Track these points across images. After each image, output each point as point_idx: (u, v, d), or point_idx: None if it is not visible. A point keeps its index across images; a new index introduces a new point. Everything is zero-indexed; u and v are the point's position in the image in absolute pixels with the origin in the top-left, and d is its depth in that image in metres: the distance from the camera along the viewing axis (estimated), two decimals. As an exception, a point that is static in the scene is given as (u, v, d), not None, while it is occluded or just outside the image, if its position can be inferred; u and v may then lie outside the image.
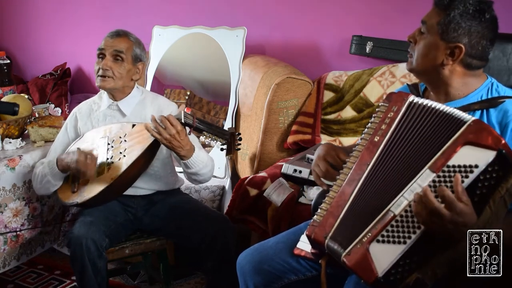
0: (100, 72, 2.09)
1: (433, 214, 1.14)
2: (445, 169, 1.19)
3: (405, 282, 1.18)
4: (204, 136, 1.90)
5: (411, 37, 1.48)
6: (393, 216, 1.21)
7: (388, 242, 1.20)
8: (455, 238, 1.17)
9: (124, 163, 1.96)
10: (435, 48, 1.41)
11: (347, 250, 1.24)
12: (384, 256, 1.19)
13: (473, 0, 1.38)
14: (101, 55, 2.11)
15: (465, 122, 1.22)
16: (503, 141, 1.16)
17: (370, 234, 1.22)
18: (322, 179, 1.51)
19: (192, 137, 2.01)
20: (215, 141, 1.91)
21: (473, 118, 1.21)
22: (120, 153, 2.00)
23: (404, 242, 1.18)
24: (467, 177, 1.16)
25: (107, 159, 2.01)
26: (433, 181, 1.19)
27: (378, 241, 1.21)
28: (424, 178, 1.20)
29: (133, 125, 2.05)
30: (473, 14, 1.37)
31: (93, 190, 1.97)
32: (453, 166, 1.18)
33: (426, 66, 1.44)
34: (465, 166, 1.17)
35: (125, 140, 2.02)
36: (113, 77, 2.09)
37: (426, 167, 1.21)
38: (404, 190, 1.22)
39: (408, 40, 1.50)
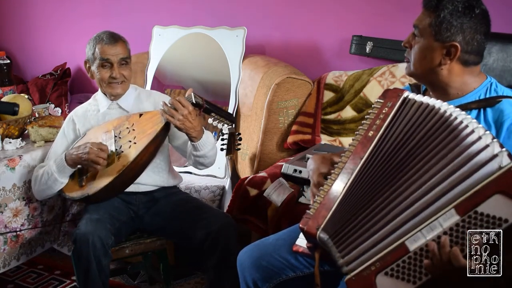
0: (115, 81, 2.14)
1: (446, 270, 1.12)
2: (472, 214, 1.12)
3: None
4: (212, 118, 1.97)
5: (406, 43, 1.50)
6: (407, 251, 1.16)
7: (397, 278, 1.15)
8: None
9: (135, 148, 1.98)
10: (431, 50, 1.42)
11: (353, 273, 1.19)
12: None
13: None
14: (108, 64, 2.13)
15: (502, 163, 1.11)
16: None
17: (378, 263, 1.18)
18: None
19: None
20: (222, 124, 1.99)
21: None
22: (130, 141, 2.02)
23: (414, 282, 1.14)
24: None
25: (116, 149, 2.02)
26: (457, 224, 1.13)
27: (386, 273, 1.16)
28: (448, 218, 1.14)
29: (140, 115, 2.08)
30: (463, 11, 1.38)
31: (104, 179, 1.97)
32: (481, 214, 1.11)
33: (424, 69, 1.45)
34: (494, 218, 1.10)
35: (134, 129, 2.04)
36: (125, 81, 2.17)
37: (451, 206, 1.14)
38: (423, 224, 1.16)
39: (403, 46, 1.51)
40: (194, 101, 1.93)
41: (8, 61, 2.68)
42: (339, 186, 1.30)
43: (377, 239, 1.21)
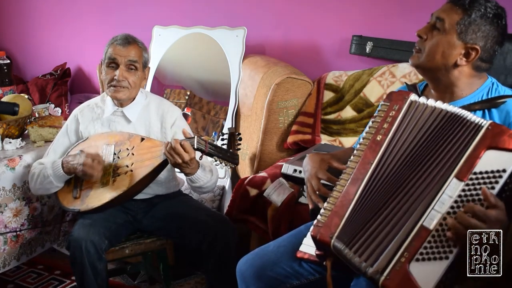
0: (115, 83, 2.05)
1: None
2: (473, 176, 1.17)
3: None
4: (215, 160, 1.91)
5: (422, 33, 1.45)
6: (428, 231, 1.17)
7: (429, 259, 1.16)
8: None
9: (131, 178, 1.96)
10: (450, 47, 1.41)
11: (385, 274, 1.18)
12: (428, 275, 1.14)
13: (491, 4, 1.39)
14: (113, 64, 2.06)
15: (481, 126, 1.20)
16: None
17: (407, 253, 1.17)
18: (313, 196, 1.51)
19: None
20: (225, 165, 1.92)
21: (489, 122, 1.20)
22: (127, 166, 2.00)
23: (446, 258, 1.14)
24: (496, 182, 1.14)
25: (113, 170, 2.01)
26: (463, 190, 1.17)
27: (417, 260, 1.16)
28: (453, 188, 1.18)
29: (142, 139, 2.04)
30: (492, 19, 1.38)
31: (96, 200, 1.97)
32: (480, 173, 1.17)
33: (437, 64, 1.43)
34: (492, 172, 1.15)
35: (133, 154, 2.01)
36: (128, 87, 2.07)
37: (452, 176, 1.19)
38: (433, 202, 1.19)
39: (418, 35, 1.47)
40: (196, 147, 1.88)
41: (8, 61, 2.68)
42: (350, 192, 1.30)
43: (372, 216, 1.24)
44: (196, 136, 1.89)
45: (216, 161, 1.92)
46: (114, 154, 2.04)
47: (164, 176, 2.15)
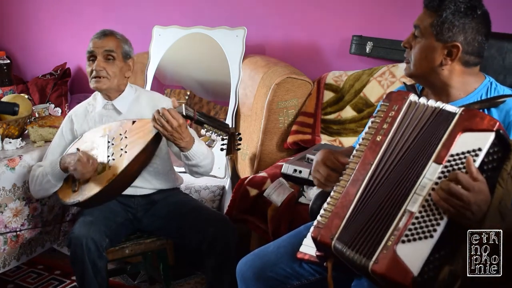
0: (94, 74, 2.10)
1: (456, 198, 1.14)
2: (450, 158, 1.20)
3: (440, 278, 1.16)
4: (205, 129, 1.93)
5: (405, 43, 1.49)
6: (411, 214, 1.20)
7: (415, 240, 1.18)
8: (476, 220, 1.17)
9: (126, 158, 1.97)
10: (432, 50, 1.42)
11: (373, 259, 1.20)
12: (414, 254, 1.17)
13: None
14: (92, 57, 2.12)
15: (455, 113, 1.25)
16: (497, 123, 1.19)
17: (393, 237, 1.20)
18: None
19: (192, 133, 2.03)
20: (216, 134, 1.93)
21: (462, 108, 1.25)
22: (121, 149, 2.00)
23: (431, 236, 1.16)
24: (474, 161, 1.17)
25: (108, 156, 2.01)
26: (442, 172, 1.20)
27: (403, 241, 1.18)
28: (432, 172, 1.21)
29: (133, 122, 2.06)
30: (465, 12, 1.38)
31: (94, 187, 1.97)
32: (457, 154, 1.20)
33: (425, 69, 1.45)
34: (469, 152, 1.18)
35: (126, 137, 2.02)
36: (108, 77, 2.11)
37: (431, 161, 1.22)
38: (415, 187, 1.22)
39: (403, 46, 1.50)
40: (184, 113, 1.90)
41: (8, 61, 2.68)
42: (350, 193, 1.30)
43: (375, 216, 1.26)
44: (184, 104, 1.91)
45: (207, 131, 1.93)
46: (108, 142, 2.05)
47: (162, 167, 2.17)
